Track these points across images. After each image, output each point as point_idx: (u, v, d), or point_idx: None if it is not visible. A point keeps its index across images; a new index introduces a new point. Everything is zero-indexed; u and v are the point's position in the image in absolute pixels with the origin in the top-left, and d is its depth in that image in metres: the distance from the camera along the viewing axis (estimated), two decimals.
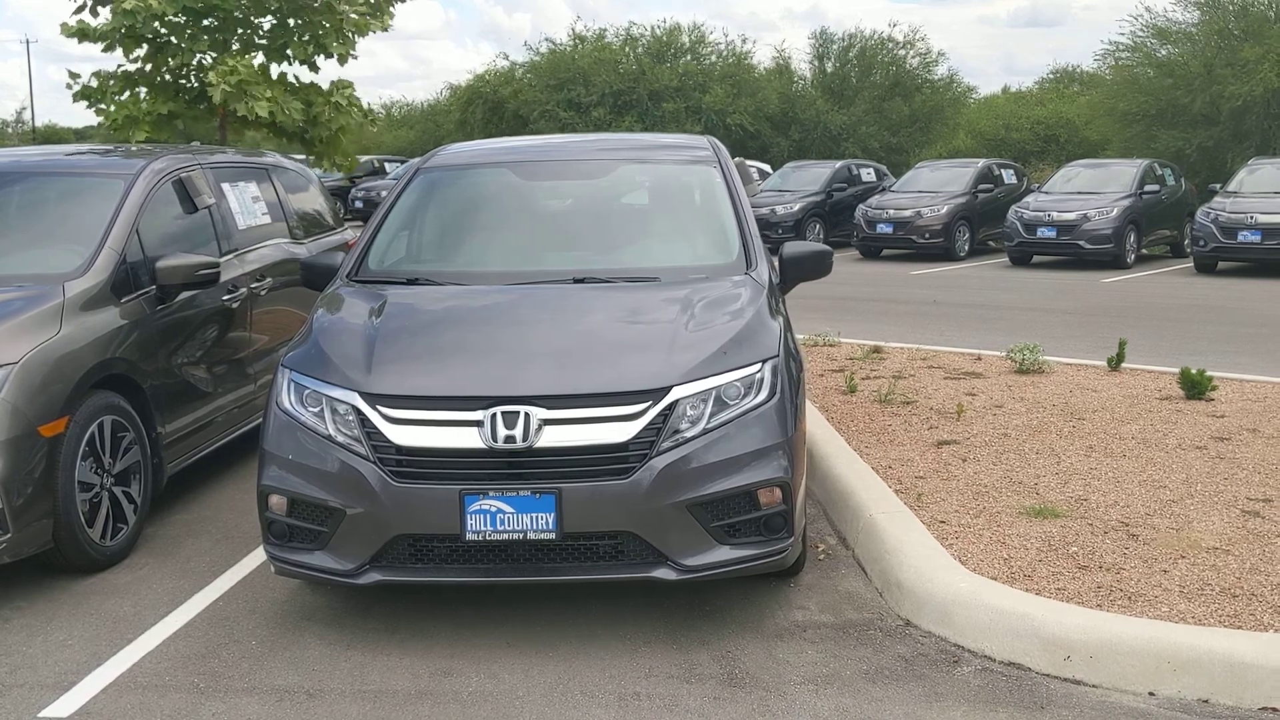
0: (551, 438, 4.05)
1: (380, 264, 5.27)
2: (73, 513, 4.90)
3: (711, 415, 4.17)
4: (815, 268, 5.45)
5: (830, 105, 36.81)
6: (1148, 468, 5.90)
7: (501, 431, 4.03)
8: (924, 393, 7.87)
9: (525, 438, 4.03)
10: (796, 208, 22.55)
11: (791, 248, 5.44)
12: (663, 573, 4.12)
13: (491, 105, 37.37)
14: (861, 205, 21.53)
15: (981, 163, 22.53)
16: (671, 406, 4.13)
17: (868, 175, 24.70)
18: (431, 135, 41.86)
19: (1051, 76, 49.86)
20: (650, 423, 4.09)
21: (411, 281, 5.04)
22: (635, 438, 4.07)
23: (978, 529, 5.00)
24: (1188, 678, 3.74)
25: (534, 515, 4.02)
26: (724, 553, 4.19)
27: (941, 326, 11.76)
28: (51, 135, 57.29)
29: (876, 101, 37.16)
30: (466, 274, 5.14)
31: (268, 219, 7.32)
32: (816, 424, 6.86)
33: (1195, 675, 3.73)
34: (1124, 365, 8.63)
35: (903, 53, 38.67)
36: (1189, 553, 4.65)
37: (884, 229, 20.68)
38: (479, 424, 4.06)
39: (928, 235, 20.29)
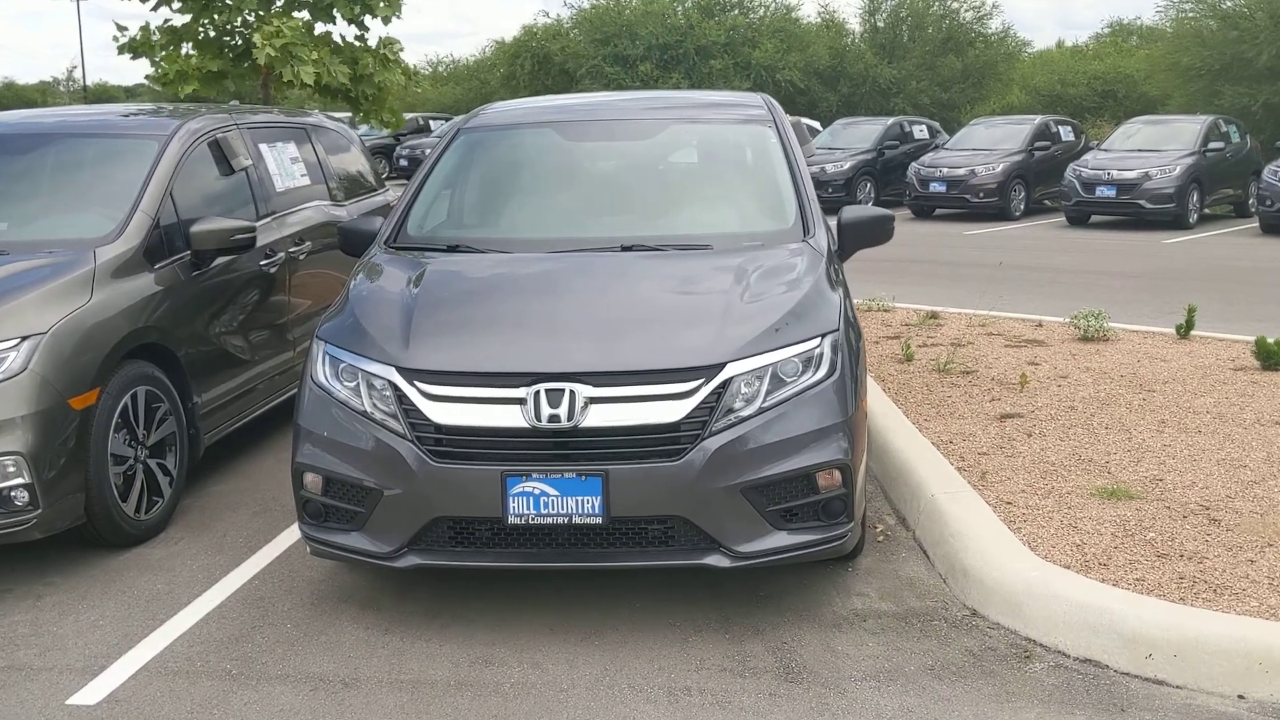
0: (598, 417, 3.83)
1: (420, 230, 5.05)
2: (105, 487, 4.75)
3: (768, 393, 3.93)
4: (876, 234, 5.17)
5: (880, 60, 36.05)
6: (1225, 445, 5.59)
7: (545, 410, 3.81)
8: (984, 361, 7.57)
9: (570, 417, 3.81)
10: (847, 166, 22.08)
11: (851, 212, 5.17)
12: (715, 559, 3.90)
13: (538, 60, 36.96)
14: (914, 163, 21.06)
15: (1038, 119, 21.95)
16: (725, 384, 3.89)
17: (920, 132, 24.16)
18: (477, 92, 41.55)
19: (1108, 30, 48.62)
20: (703, 401, 3.86)
21: (452, 249, 4.81)
22: (687, 417, 3.84)
23: (1047, 511, 4.73)
24: None
25: (580, 498, 3.81)
26: (780, 538, 3.96)
27: (1000, 290, 11.40)
28: (102, 94, 57.34)
29: (928, 56, 36.36)
30: (510, 240, 4.91)
31: (307, 180, 7.12)
32: (873, 395, 6.59)
33: None
34: (1193, 333, 8.27)
35: (956, 5, 37.82)
36: (1277, 540, 4.36)
37: (937, 188, 20.22)
38: (521, 402, 3.84)
39: (982, 194, 19.81)
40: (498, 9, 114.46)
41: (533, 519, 3.83)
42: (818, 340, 4.09)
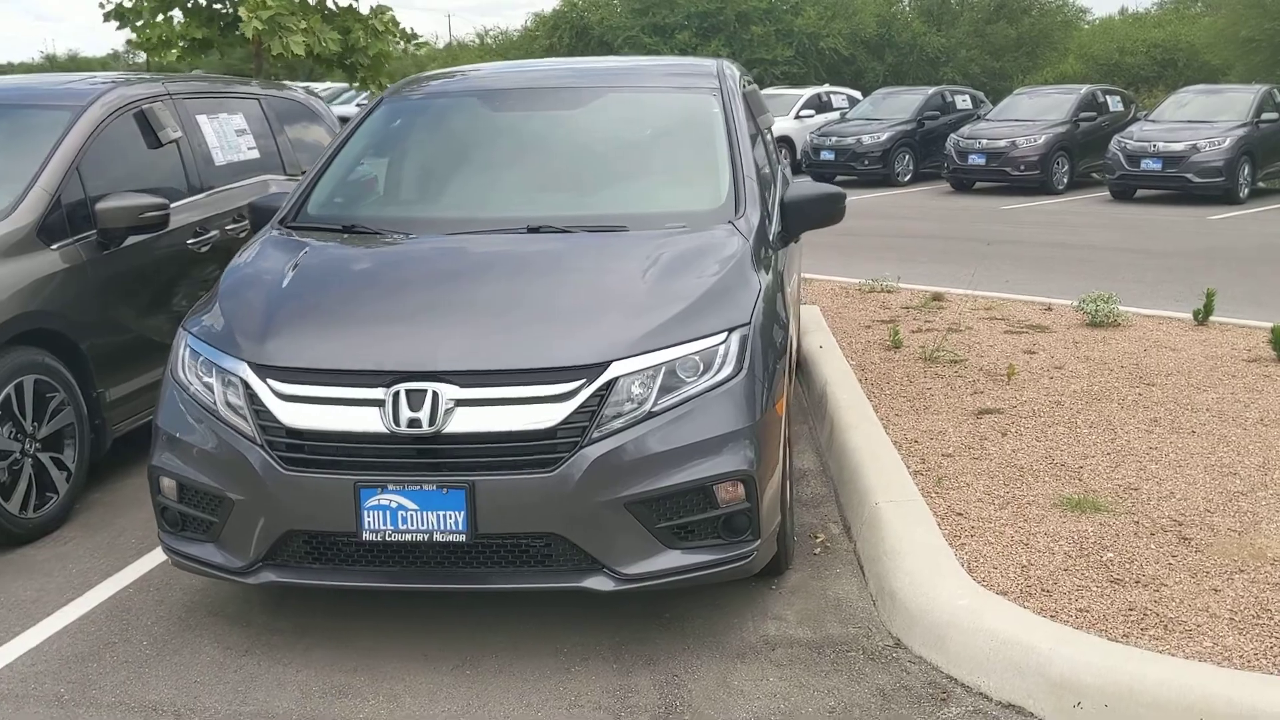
0: (464, 422, 3.42)
1: (321, 208, 4.64)
2: None
3: (660, 396, 3.50)
4: (823, 214, 4.71)
5: (928, 28, 35.05)
6: (1219, 448, 5.06)
7: (405, 413, 3.41)
8: (977, 349, 7.05)
9: (432, 421, 3.40)
10: (884, 137, 21.38)
11: (796, 190, 4.70)
12: (597, 582, 3.48)
13: (577, 32, 36.38)
14: (953, 135, 20.32)
15: (1084, 89, 21.08)
16: (609, 385, 3.46)
17: (963, 103, 23.34)
18: None
19: None
20: (583, 405, 3.43)
21: (348, 229, 4.41)
22: (564, 422, 3.42)
23: (1000, 524, 4.25)
24: None
25: (441, 513, 3.41)
26: (673, 558, 3.53)
27: (1025, 269, 10.81)
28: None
29: (979, 24, 35.32)
30: (410, 221, 4.50)
31: (256, 154, 6.75)
32: (846, 386, 6.13)
33: None
34: (1213, 319, 7.68)
35: None
36: (1250, 565, 3.85)
37: (976, 160, 19.48)
38: (380, 403, 3.44)
39: (1022, 167, 19.05)
40: None
41: (389, 535, 3.43)
42: (723, 336, 3.64)
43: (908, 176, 21.61)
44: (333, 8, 12.49)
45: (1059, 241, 13.09)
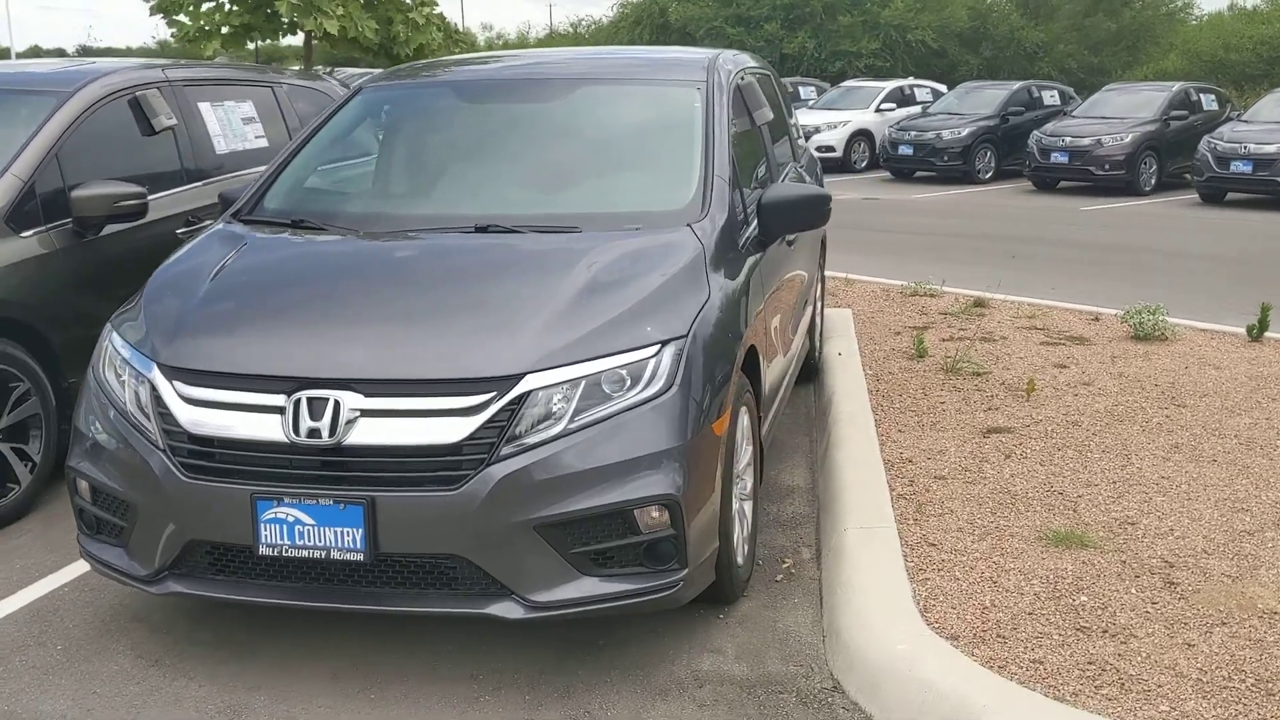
0: (367, 433, 3.23)
1: (279, 201, 4.47)
2: None
3: (579, 411, 3.26)
4: (805, 217, 4.42)
5: (1025, 21, 34.04)
6: (1237, 480, 4.66)
7: (305, 423, 3.23)
8: (1005, 361, 6.67)
9: (333, 432, 3.21)
10: (965, 133, 20.72)
11: (775, 192, 4.42)
12: (504, 609, 3.26)
13: (659, 25, 36.00)
14: (1036, 131, 19.60)
15: (1176, 86, 20.21)
16: (522, 399, 3.23)
17: (1050, 98, 22.53)
18: None
19: None
20: (492, 419, 3.21)
21: (297, 224, 4.24)
22: (470, 437, 3.20)
23: (973, 558, 3.93)
24: None
25: (339, 530, 3.22)
26: (589, 586, 3.30)
27: (1087, 275, 10.31)
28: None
29: (1077, 17, 34.19)
30: (364, 217, 4.32)
31: (264, 143, 6.64)
32: (853, 397, 5.83)
33: None
34: (1269, 334, 7.18)
35: None
36: (1235, 616, 3.49)
37: (1059, 158, 18.78)
38: (281, 411, 3.26)
39: (1107, 166, 18.30)
40: None
41: (286, 550, 3.25)
42: (654, 348, 3.39)
43: (989, 174, 20.95)
44: None
45: (1131, 245, 12.50)
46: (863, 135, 23.37)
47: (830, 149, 22.75)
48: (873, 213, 15.95)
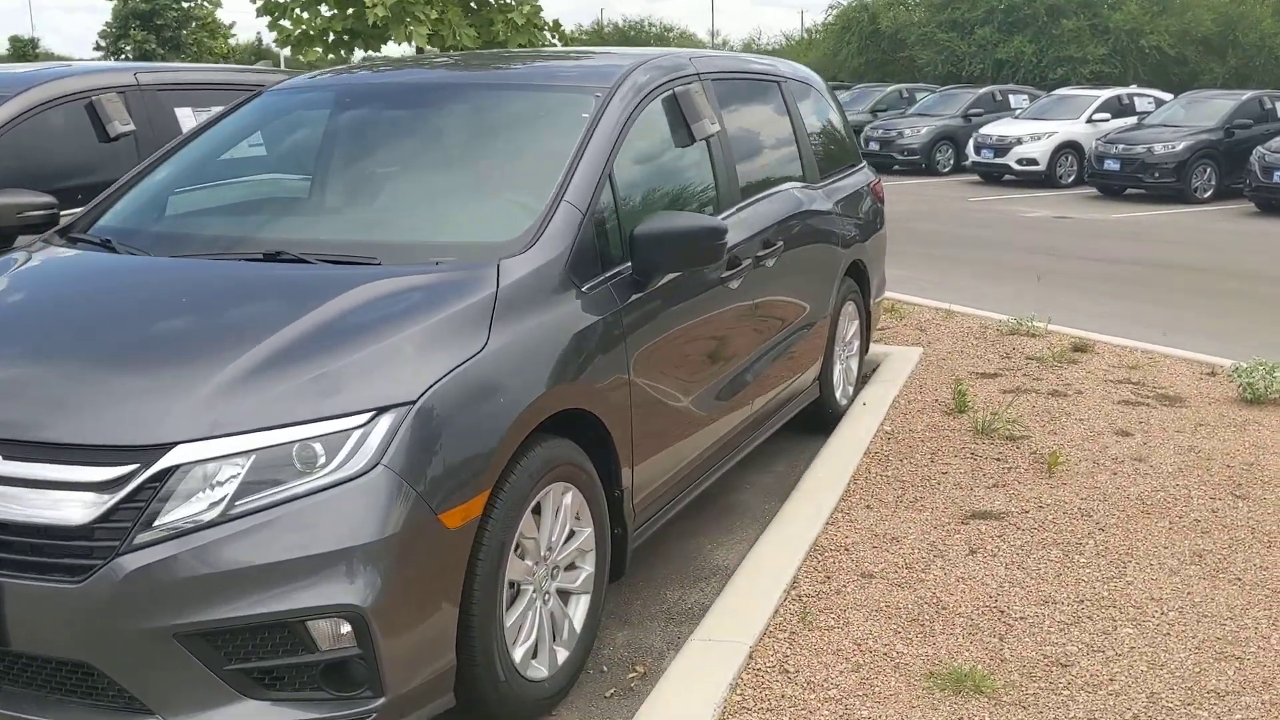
0: (1, 505, 2.70)
1: (119, 217, 3.98)
2: None
3: (245, 492, 2.64)
4: (687, 254, 3.64)
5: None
6: (1251, 610, 3.58)
7: None
8: (1058, 423, 5.60)
9: None
10: (1180, 147, 18.73)
11: (648, 225, 3.63)
12: None
13: (870, 31, 34.49)
14: (1259, 148, 17.48)
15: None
16: (167, 473, 2.63)
17: None
18: (818, 64, 39.75)
19: None
20: (129, 496, 2.63)
21: (104, 244, 3.76)
22: (102, 518, 2.62)
23: (821, 699, 3.08)
24: None
25: None
26: (249, 711, 2.67)
27: (1263, 320, 8.86)
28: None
29: None
30: (162, 237, 3.80)
31: (261, 150, 6.30)
32: (833, 464, 4.98)
33: None
34: None
35: None
36: None
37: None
38: None
39: None
40: None
41: None
42: (363, 417, 2.73)
43: (1208, 193, 18.88)
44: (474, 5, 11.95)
45: None
46: (1070, 147, 21.55)
47: (1032, 162, 21.15)
48: (1052, 233, 14.50)
